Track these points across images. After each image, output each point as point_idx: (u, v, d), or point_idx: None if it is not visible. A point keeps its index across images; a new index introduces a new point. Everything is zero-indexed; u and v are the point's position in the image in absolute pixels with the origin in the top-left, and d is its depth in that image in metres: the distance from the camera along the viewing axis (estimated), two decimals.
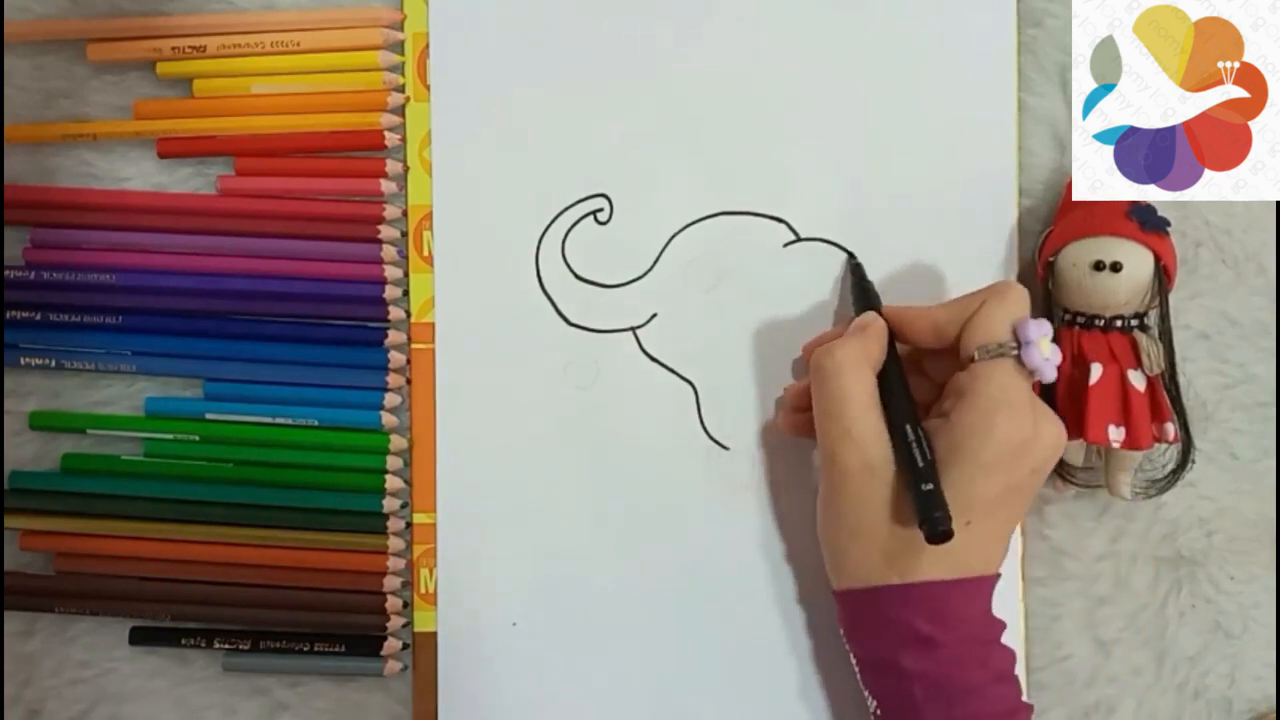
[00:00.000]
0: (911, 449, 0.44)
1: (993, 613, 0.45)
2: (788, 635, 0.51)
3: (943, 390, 0.47)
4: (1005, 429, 0.43)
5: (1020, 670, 0.46)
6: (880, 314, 0.48)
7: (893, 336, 0.47)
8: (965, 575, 0.44)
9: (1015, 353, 0.44)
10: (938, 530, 0.42)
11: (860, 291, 0.50)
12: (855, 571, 0.45)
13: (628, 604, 0.51)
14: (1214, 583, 0.52)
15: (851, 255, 0.51)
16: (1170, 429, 0.48)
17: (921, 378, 0.48)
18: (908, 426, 0.44)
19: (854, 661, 0.46)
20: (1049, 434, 0.44)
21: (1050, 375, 0.44)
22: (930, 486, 0.43)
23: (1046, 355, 0.44)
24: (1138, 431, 0.47)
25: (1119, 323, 0.48)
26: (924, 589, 0.43)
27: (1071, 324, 0.48)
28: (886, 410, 0.45)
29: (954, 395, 0.45)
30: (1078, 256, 0.47)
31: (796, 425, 0.49)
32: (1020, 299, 0.45)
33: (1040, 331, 0.44)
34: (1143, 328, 0.48)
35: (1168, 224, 0.47)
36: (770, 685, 0.51)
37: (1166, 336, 0.48)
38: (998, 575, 0.45)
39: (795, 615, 0.51)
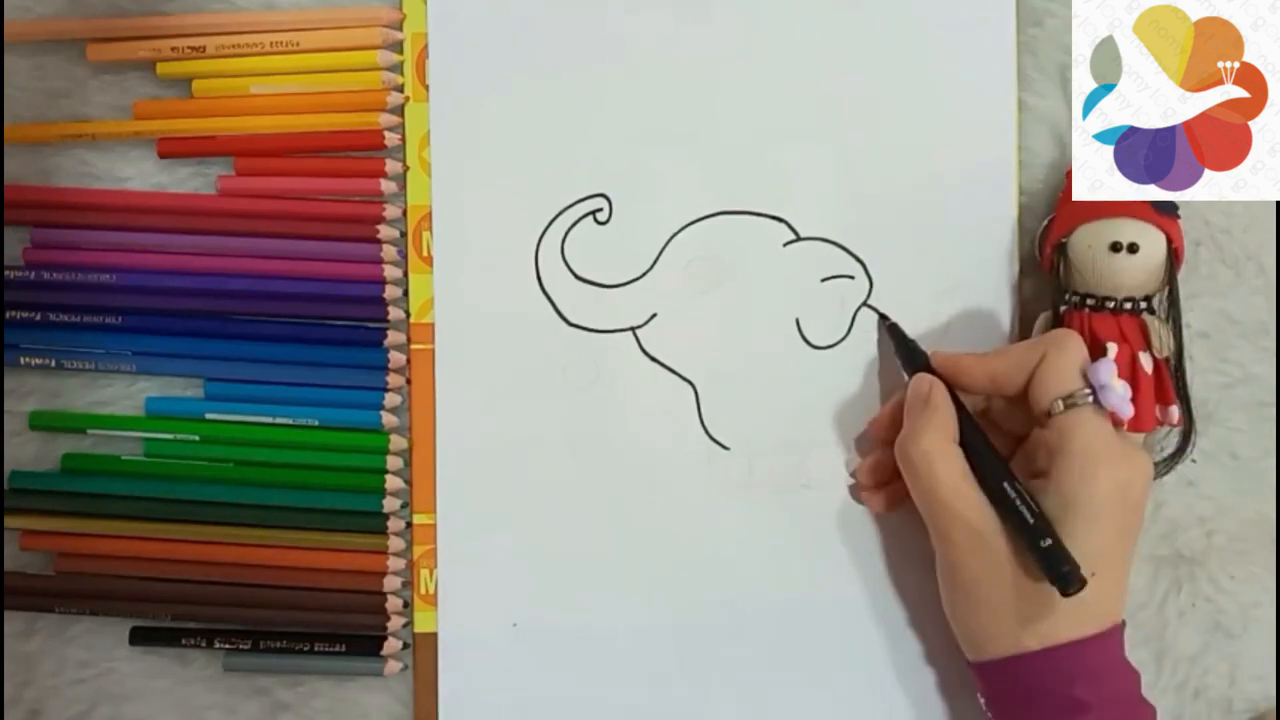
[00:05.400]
0: (1016, 506, 0.43)
1: (1127, 659, 0.45)
2: (787, 634, 0.51)
3: (1017, 440, 0.47)
4: (1106, 477, 0.43)
5: None
6: (931, 368, 0.47)
7: (955, 394, 0.47)
8: (1100, 628, 0.44)
9: (1090, 399, 0.44)
10: (1070, 583, 0.42)
11: (905, 352, 0.49)
12: (992, 643, 0.45)
13: (627, 604, 0.51)
14: (1214, 582, 0.52)
15: (884, 317, 0.50)
16: (1174, 412, 0.48)
17: (991, 428, 0.48)
18: (1005, 485, 0.44)
19: None
20: (1141, 467, 0.45)
21: (1128, 411, 0.44)
22: (1049, 541, 0.42)
23: (1120, 393, 0.44)
24: (1142, 413, 0.47)
25: (1129, 305, 0.48)
26: (1066, 650, 0.43)
27: (1081, 306, 0.48)
28: (979, 474, 0.45)
29: (1044, 453, 0.45)
30: (1093, 238, 0.47)
31: (888, 502, 0.49)
32: (1079, 344, 0.45)
33: (1110, 372, 0.44)
34: (1151, 310, 0.48)
35: (1178, 207, 0.48)
36: (769, 684, 0.51)
37: (1175, 320, 0.48)
38: (1124, 622, 0.45)
39: (795, 614, 0.51)
